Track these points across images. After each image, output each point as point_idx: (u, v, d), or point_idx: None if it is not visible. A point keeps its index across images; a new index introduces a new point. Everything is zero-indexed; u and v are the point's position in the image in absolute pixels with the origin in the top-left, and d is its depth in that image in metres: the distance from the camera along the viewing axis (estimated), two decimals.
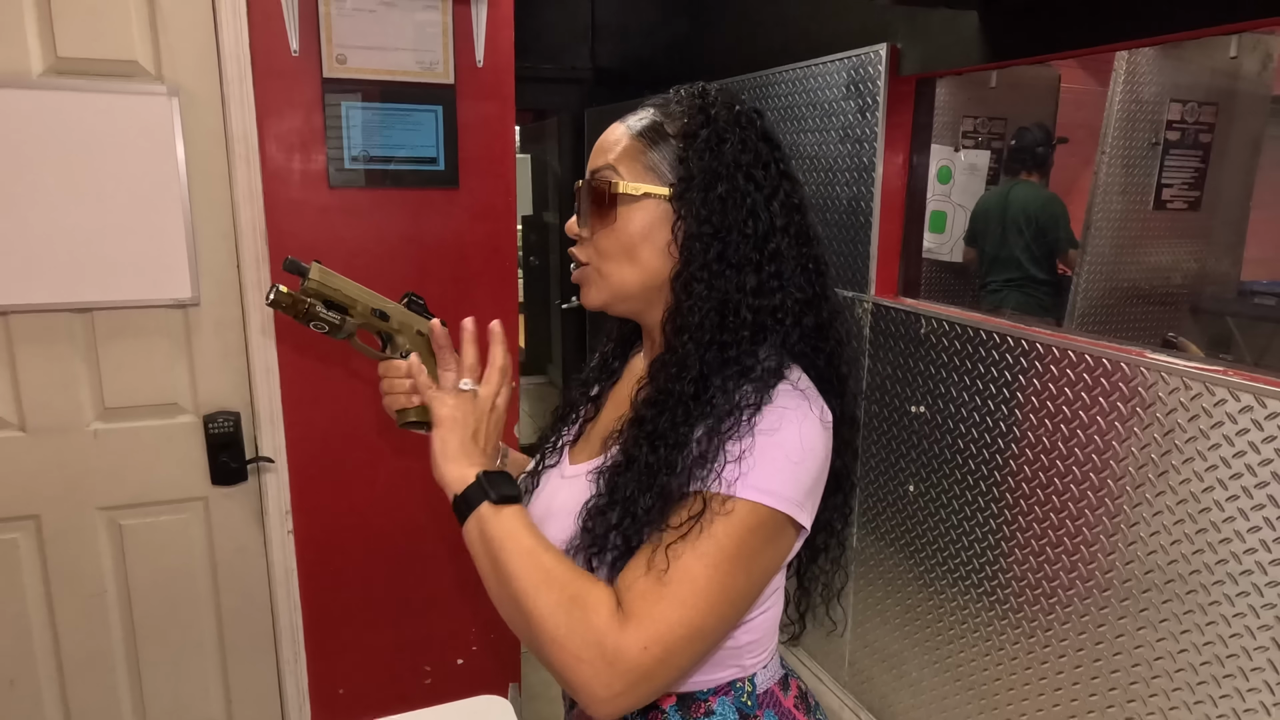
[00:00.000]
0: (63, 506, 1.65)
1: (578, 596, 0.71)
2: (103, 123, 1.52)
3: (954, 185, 3.15)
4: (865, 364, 2.19)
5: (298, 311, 0.87)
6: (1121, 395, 1.50)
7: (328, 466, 1.82)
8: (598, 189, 0.83)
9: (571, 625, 0.70)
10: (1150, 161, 2.78)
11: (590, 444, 0.94)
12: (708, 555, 0.72)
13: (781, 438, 0.75)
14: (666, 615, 0.70)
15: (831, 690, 2.41)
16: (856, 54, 2.13)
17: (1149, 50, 2.67)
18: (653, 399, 0.80)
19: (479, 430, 0.85)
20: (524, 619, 0.73)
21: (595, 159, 0.85)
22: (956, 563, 1.92)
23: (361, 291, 0.90)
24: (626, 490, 0.78)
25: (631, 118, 0.86)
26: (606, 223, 0.83)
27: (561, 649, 0.70)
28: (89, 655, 1.72)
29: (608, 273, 0.84)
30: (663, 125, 0.83)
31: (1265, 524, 1.29)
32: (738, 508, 0.73)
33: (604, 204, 0.82)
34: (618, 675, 0.69)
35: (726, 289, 0.79)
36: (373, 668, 1.96)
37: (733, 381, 0.78)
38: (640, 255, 0.82)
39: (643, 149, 0.83)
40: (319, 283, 0.87)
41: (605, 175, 0.83)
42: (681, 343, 0.80)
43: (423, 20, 1.71)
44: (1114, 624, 1.54)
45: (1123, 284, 2.84)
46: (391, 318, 0.90)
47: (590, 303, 0.86)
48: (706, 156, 0.80)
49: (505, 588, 0.75)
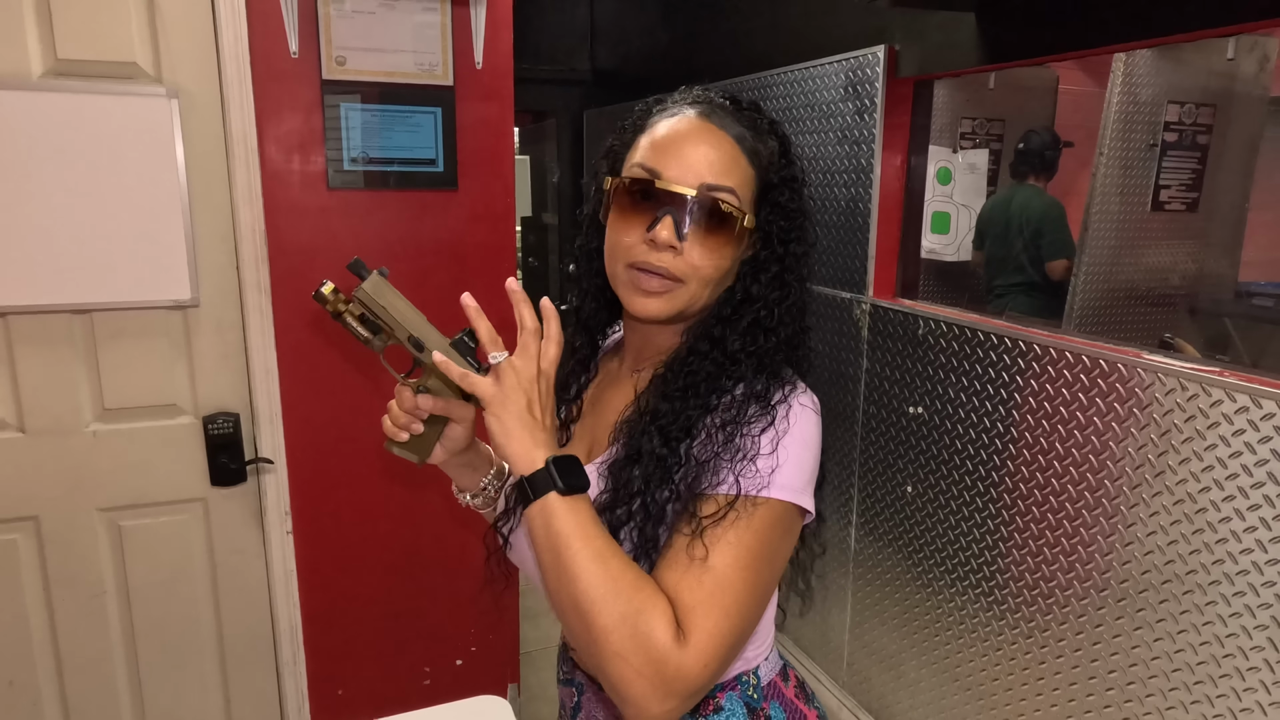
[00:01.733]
0: (62, 507, 1.65)
1: (642, 611, 0.70)
2: (102, 124, 1.52)
3: (955, 185, 3.16)
4: (863, 365, 2.20)
5: (335, 312, 0.87)
6: (1118, 396, 1.50)
7: (327, 468, 1.82)
8: (725, 212, 0.80)
9: (636, 642, 0.69)
10: (1148, 163, 2.78)
11: (578, 445, 0.94)
12: (741, 559, 0.74)
13: (797, 433, 0.78)
14: (719, 628, 0.72)
15: (830, 690, 2.41)
16: (855, 56, 2.13)
17: (1147, 52, 2.67)
18: (670, 392, 0.82)
19: (532, 401, 0.77)
20: (584, 624, 0.71)
21: (710, 172, 0.80)
22: (954, 563, 1.93)
23: (409, 315, 0.87)
24: (636, 485, 0.79)
25: (735, 131, 0.82)
26: (716, 244, 0.80)
27: (624, 663, 0.70)
28: (88, 656, 1.72)
29: (695, 291, 0.82)
30: (762, 156, 0.84)
31: (1261, 524, 1.29)
32: (769, 505, 0.76)
33: (724, 229, 0.80)
34: (675, 692, 0.70)
35: (768, 309, 0.84)
36: (372, 668, 1.96)
37: (747, 381, 0.81)
38: (724, 280, 0.84)
39: (754, 179, 0.83)
40: (369, 295, 0.86)
41: (728, 199, 0.80)
42: (713, 348, 0.83)
43: (422, 22, 1.71)
44: (1111, 624, 1.55)
45: (1121, 285, 2.85)
46: (426, 349, 0.87)
47: (660, 313, 0.82)
48: (797, 203, 0.85)
49: (567, 587, 0.72)
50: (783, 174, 0.84)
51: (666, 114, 0.85)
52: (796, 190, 0.85)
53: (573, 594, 0.72)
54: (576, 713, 0.97)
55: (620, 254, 0.83)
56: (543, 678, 2.57)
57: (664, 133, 0.82)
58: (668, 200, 0.79)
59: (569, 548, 0.72)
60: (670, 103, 0.87)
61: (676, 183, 0.79)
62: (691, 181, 0.79)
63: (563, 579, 0.72)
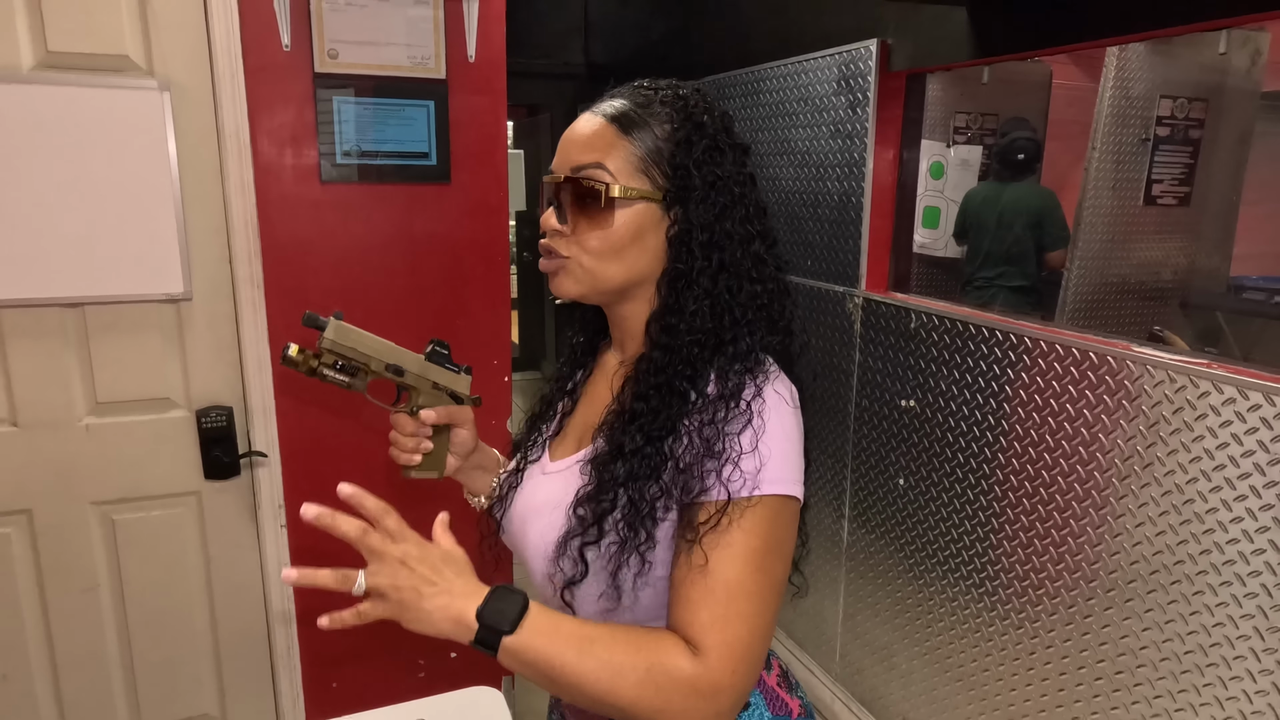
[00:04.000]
0: (55, 501, 1.65)
1: (654, 663, 0.72)
2: (94, 117, 1.52)
3: (947, 180, 3.16)
4: (856, 358, 2.21)
5: (309, 369, 0.88)
6: (1108, 388, 1.51)
7: (320, 461, 1.82)
8: (588, 188, 0.82)
9: (664, 693, 0.71)
10: (1140, 157, 2.79)
11: (570, 438, 0.95)
12: (750, 560, 0.75)
13: (775, 427, 0.78)
14: (739, 635, 0.73)
15: (823, 682, 2.42)
16: (847, 50, 2.14)
17: (1139, 46, 2.68)
18: (643, 393, 0.82)
19: (418, 581, 0.76)
20: (614, 708, 0.73)
21: (578, 153, 0.84)
22: (946, 555, 1.94)
23: (379, 346, 0.89)
24: (620, 478, 0.80)
25: (610, 110, 0.85)
26: (596, 222, 0.83)
27: (665, 713, 0.72)
28: (82, 650, 1.73)
29: (591, 268, 0.84)
30: (651, 126, 0.84)
31: (1248, 514, 1.30)
32: (763, 503, 0.76)
33: (594, 203, 0.82)
34: (721, 704, 0.72)
35: (720, 291, 0.82)
36: (366, 661, 1.97)
37: (723, 373, 0.81)
38: (628, 255, 0.84)
39: (635, 150, 0.83)
40: (333, 341, 0.87)
41: (595, 174, 0.82)
42: (672, 339, 0.82)
43: (414, 15, 1.71)
44: (1100, 614, 1.56)
45: (1113, 279, 2.86)
46: (407, 372, 0.89)
47: (565, 293, 0.86)
48: (705, 165, 0.83)
49: (577, 695, 0.74)
50: (679, 138, 0.83)
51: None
52: (699, 151, 0.83)
53: (586, 696, 0.73)
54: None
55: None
56: None
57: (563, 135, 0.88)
58: (552, 190, 0.86)
59: (553, 666, 0.73)
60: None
61: (554, 171, 0.85)
62: (563, 167, 0.85)
63: (569, 691, 0.74)
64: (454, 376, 0.92)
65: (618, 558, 0.80)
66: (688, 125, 0.83)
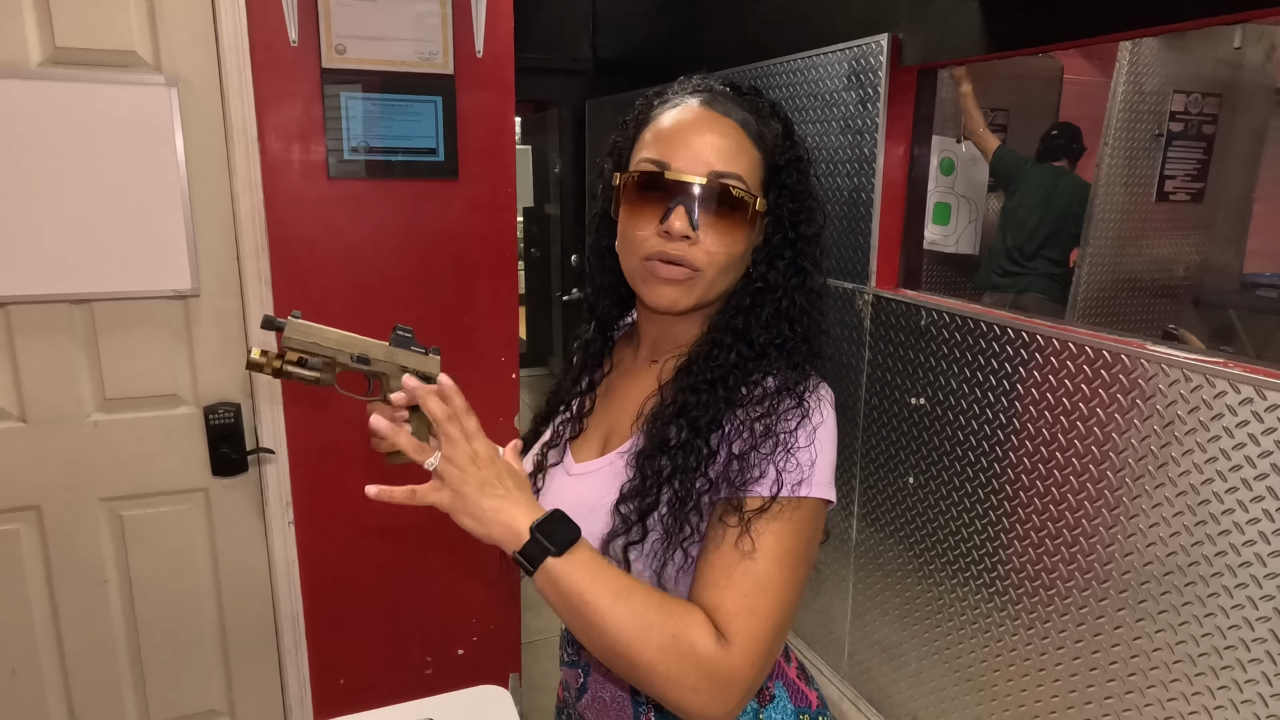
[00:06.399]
0: (64, 497, 1.65)
1: (680, 634, 0.72)
2: (101, 113, 1.52)
3: (958, 176, 3.14)
4: (866, 356, 2.19)
5: (275, 370, 0.88)
6: (1122, 387, 1.49)
7: (328, 457, 1.82)
8: (733, 198, 0.80)
9: (683, 665, 0.71)
10: (1153, 153, 2.77)
11: (594, 438, 0.94)
12: (782, 558, 0.75)
13: (826, 428, 0.80)
14: (763, 629, 0.74)
15: (831, 681, 2.41)
16: (858, 44, 2.12)
17: (1152, 41, 2.65)
18: (695, 385, 0.82)
19: (485, 482, 0.76)
20: (629, 664, 0.73)
21: (715, 158, 0.80)
22: (956, 554, 1.92)
23: (341, 338, 0.89)
24: (665, 473, 0.80)
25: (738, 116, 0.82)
26: (729, 230, 0.81)
27: (678, 685, 0.72)
28: (91, 645, 1.73)
29: (712, 280, 0.82)
30: (768, 139, 0.84)
31: (1264, 515, 1.29)
32: (804, 505, 0.77)
33: (737, 214, 0.80)
34: (733, 694, 0.73)
35: (798, 301, 0.84)
36: (373, 658, 1.97)
37: (777, 374, 0.82)
38: (739, 266, 0.85)
39: (762, 162, 0.83)
40: (294, 339, 0.87)
41: (736, 184, 0.80)
42: (737, 340, 0.83)
43: (422, 10, 1.70)
44: (1112, 614, 1.55)
45: (1125, 276, 2.84)
46: (373, 360, 0.90)
47: (679, 304, 0.82)
48: (806, 184, 0.85)
49: (598, 639, 0.73)
50: (788, 156, 0.85)
51: (669, 105, 0.85)
52: (803, 172, 0.86)
53: (607, 643, 0.73)
54: (582, 693, 0.97)
55: (636, 248, 0.83)
56: (544, 667, 2.58)
57: (669, 124, 0.83)
58: (678, 190, 0.79)
59: (585, 603, 0.72)
60: (671, 94, 0.87)
61: (685, 172, 0.79)
62: (700, 170, 0.79)
63: (591, 633, 0.73)
64: (421, 358, 0.92)
65: (663, 555, 0.80)
66: (789, 142, 0.85)
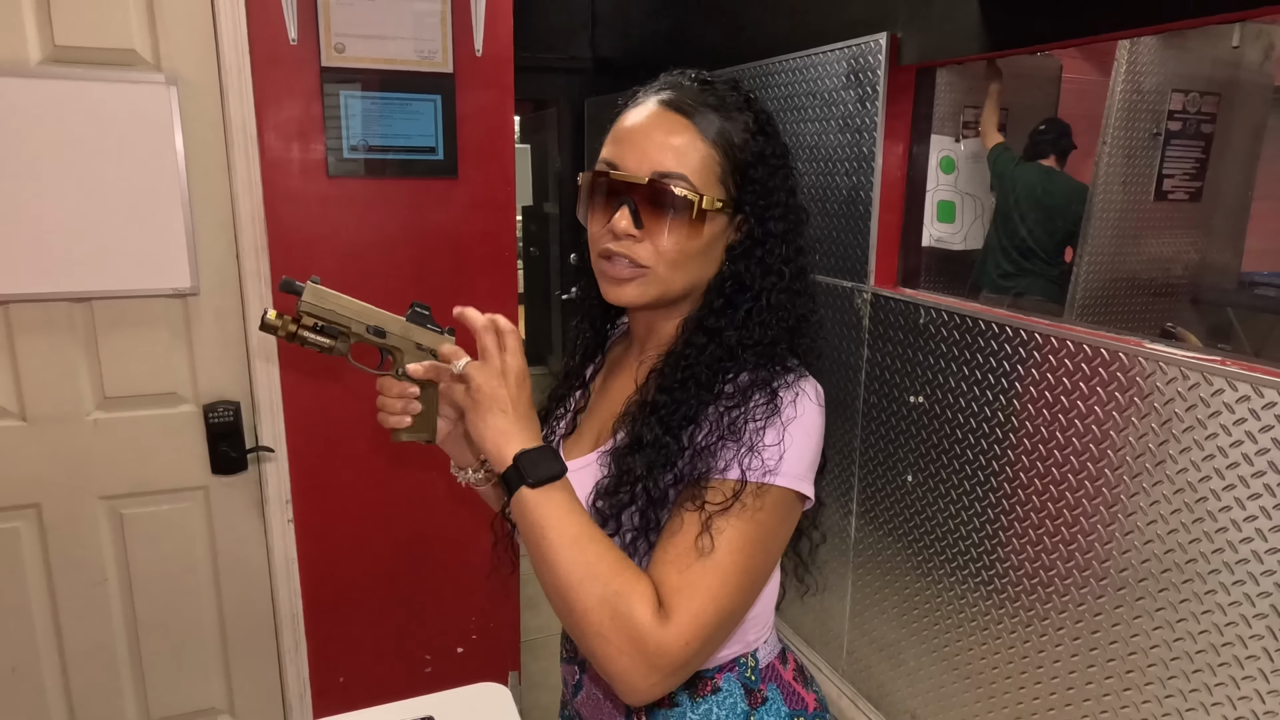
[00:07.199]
0: (63, 495, 1.65)
1: (622, 592, 0.72)
2: (101, 111, 1.52)
3: (959, 175, 3.14)
4: (864, 354, 2.19)
5: (289, 334, 0.87)
6: (1120, 385, 1.50)
7: (327, 455, 1.82)
8: (680, 198, 0.79)
9: (616, 622, 0.71)
10: (1151, 152, 2.77)
11: (586, 435, 0.94)
12: (735, 543, 0.75)
13: (800, 421, 0.79)
14: (704, 608, 0.73)
15: (830, 679, 2.42)
16: (857, 43, 2.12)
17: (1151, 40, 2.66)
18: (668, 385, 0.82)
19: (502, 399, 0.78)
20: (566, 607, 0.74)
21: (659, 155, 0.80)
22: (954, 552, 1.93)
23: (358, 309, 0.88)
24: (638, 470, 0.80)
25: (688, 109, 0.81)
26: (678, 231, 0.80)
27: (606, 642, 0.72)
28: (91, 643, 1.73)
29: (666, 277, 0.82)
30: (730, 134, 0.82)
31: (1261, 513, 1.29)
32: (770, 493, 0.77)
33: (681, 213, 0.80)
34: (658, 669, 0.72)
35: (774, 300, 0.83)
36: (373, 656, 1.97)
37: (750, 369, 0.82)
38: (696, 263, 0.84)
39: (716, 158, 0.81)
40: (311, 304, 0.86)
41: (679, 184, 0.80)
42: (710, 340, 0.83)
43: (421, 9, 1.70)
44: (1111, 613, 1.55)
45: (1123, 274, 2.84)
46: (389, 334, 0.89)
47: (632, 301, 0.83)
48: (776, 178, 0.83)
49: (548, 575, 0.74)
50: (755, 151, 0.83)
51: (634, 105, 0.85)
52: (772, 167, 0.84)
53: (553, 579, 0.74)
54: (578, 690, 0.98)
55: (593, 245, 0.85)
56: (544, 665, 2.58)
57: (625, 125, 0.84)
58: (624, 190, 0.81)
59: (545, 538, 0.74)
60: (642, 93, 0.87)
61: (628, 173, 0.81)
62: (644, 170, 0.80)
63: (542, 566, 0.75)
64: (437, 337, 0.91)
65: (631, 549, 0.80)
66: (760, 137, 0.84)
